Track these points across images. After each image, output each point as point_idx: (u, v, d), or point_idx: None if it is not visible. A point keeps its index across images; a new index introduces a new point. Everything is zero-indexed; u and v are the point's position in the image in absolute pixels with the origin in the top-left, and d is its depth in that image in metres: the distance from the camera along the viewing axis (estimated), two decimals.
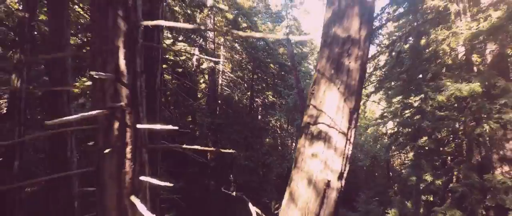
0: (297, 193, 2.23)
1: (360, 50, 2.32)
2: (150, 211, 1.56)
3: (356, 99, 2.29)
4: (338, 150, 2.19)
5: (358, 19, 2.34)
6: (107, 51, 1.66)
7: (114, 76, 1.63)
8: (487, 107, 5.93)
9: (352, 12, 2.37)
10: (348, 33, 2.33)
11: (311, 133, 2.28)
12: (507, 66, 7.45)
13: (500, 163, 6.82)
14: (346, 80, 2.25)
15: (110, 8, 1.67)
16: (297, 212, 2.18)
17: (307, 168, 2.21)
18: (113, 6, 1.68)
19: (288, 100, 12.45)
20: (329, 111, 2.23)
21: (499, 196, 5.73)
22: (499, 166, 6.80)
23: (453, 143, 7.82)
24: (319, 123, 2.24)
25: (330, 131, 2.20)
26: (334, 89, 2.24)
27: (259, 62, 13.04)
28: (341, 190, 2.25)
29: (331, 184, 2.17)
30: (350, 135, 2.27)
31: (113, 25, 1.68)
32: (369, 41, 2.49)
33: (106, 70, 1.63)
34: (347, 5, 2.40)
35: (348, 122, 2.23)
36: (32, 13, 5.51)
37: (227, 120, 12.26)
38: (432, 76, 7.28)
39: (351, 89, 2.25)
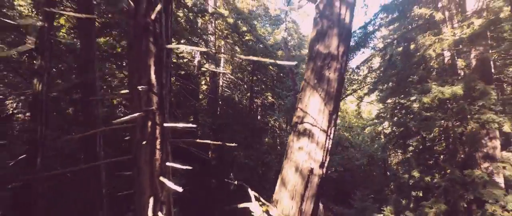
0: (287, 179, 2.81)
1: (338, 63, 2.90)
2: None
3: (334, 103, 2.86)
4: (319, 144, 2.77)
5: (337, 38, 2.92)
6: (141, 69, 2.24)
7: (147, 88, 2.21)
8: (467, 108, 6.50)
9: (332, 32, 2.95)
10: (328, 49, 2.91)
11: (298, 130, 2.86)
12: (490, 70, 8.04)
13: (483, 160, 7.41)
14: (326, 88, 2.83)
15: (144, 36, 2.25)
16: (287, 193, 2.76)
17: (295, 158, 2.79)
18: (146, 34, 2.26)
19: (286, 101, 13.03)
20: (313, 112, 2.80)
21: (478, 190, 6.30)
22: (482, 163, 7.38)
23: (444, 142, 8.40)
24: (305, 122, 2.82)
25: (313, 129, 2.77)
26: (317, 95, 2.82)
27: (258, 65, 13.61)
28: (322, 176, 2.83)
29: (314, 171, 2.75)
30: (330, 132, 2.85)
31: (146, 49, 2.26)
32: (347, 56, 3.07)
33: (141, 83, 2.21)
34: (328, 26, 2.98)
35: (328, 122, 2.81)
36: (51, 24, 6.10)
37: (228, 120, 12.81)
38: (419, 79, 7.86)
39: (330, 95, 2.83)
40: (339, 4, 2.98)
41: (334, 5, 2.99)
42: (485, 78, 7.67)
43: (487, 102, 6.32)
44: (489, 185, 6.25)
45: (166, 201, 2.24)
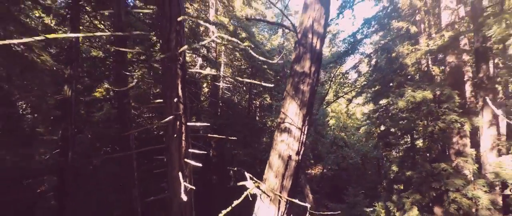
0: (272, 163, 3.95)
1: (310, 79, 4.04)
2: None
3: (307, 109, 4.00)
4: (296, 138, 3.92)
5: (309, 61, 4.07)
6: (172, 86, 3.39)
7: (177, 99, 3.36)
8: (435, 110, 7.66)
9: (306, 56, 4.10)
10: (303, 69, 4.06)
11: (281, 128, 4.00)
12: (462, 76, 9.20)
13: (455, 156, 8.57)
14: (301, 97, 3.98)
15: (174, 64, 3.40)
16: (272, 173, 3.91)
17: (278, 148, 3.94)
18: (175, 63, 3.40)
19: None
20: (291, 115, 3.95)
21: (443, 180, 7.47)
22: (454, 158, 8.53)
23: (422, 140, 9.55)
24: (285, 122, 3.96)
25: (291, 127, 3.92)
26: (294, 103, 3.97)
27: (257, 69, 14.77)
28: (298, 161, 3.97)
29: (292, 157, 3.89)
30: (303, 129, 3.99)
31: (175, 73, 3.40)
32: (318, 73, 4.21)
33: (172, 96, 3.35)
34: (303, 52, 4.13)
35: (302, 122, 3.96)
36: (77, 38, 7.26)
37: (228, 120, 13.96)
38: (397, 85, 9.01)
39: (304, 102, 3.98)
40: (311, 35, 4.13)
41: (308, 36, 4.14)
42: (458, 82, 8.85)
43: (451, 105, 7.47)
44: (452, 177, 7.41)
45: (188, 175, 3.39)
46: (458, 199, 7.22)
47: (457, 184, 7.20)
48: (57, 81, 6.77)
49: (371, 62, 10.67)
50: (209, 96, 14.79)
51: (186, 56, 3.55)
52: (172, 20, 3.37)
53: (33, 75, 4.73)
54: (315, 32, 4.14)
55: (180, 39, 3.47)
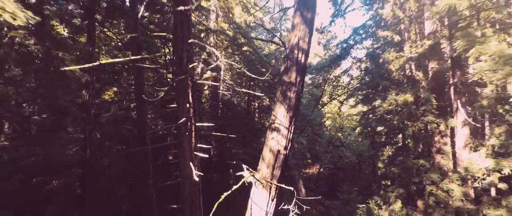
0: (265, 156, 4.90)
1: (295, 87, 4.99)
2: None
3: (293, 111, 4.95)
4: (284, 135, 4.86)
5: (295, 72, 5.02)
6: (184, 95, 4.33)
7: (188, 105, 4.30)
8: (414, 112, 8.61)
9: (293, 68, 5.05)
10: (290, 79, 5.01)
11: (272, 127, 4.95)
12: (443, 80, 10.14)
13: (436, 153, 9.51)
14: (288, 102, 4.92)
15: (186, 76, 4.34)
16: (265, 164, 4.86)
17: (270, 144, 4.88)
18: (187, 75, 4.35)
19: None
20: (280, 117, 4.89)
21: (421, 175, 8.41)
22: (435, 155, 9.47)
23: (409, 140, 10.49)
24: (275, 122, 4.91)
25: (280, 127, 4.86)
26: (282, 107, 4.92)
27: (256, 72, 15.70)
28: (286, 155, 4.91)
29: (280, 151, 4.84)
30: (290, 129, 4.93)
31: (186, 83, 4.35)
32: (302, 82, 5.15)
33: (184, 102, 4.30)
34: (291, 64, 5.08)
35: (289, 122, 4.90)
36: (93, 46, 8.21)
37: (228, 121, 14.89)
38: (382, 88, 9.96)
39: (291, 107, 4.92)
40: (297, 51, 5.08)
41: (294, 51, 5.09)
42: (439, 87, 9.79)
43: (429, 107, 8.42)
44: (429, 172, 8.35)
45: (197, 164, 4.34)
46: (434, 191, 8.16)
47: (434, 178, 8.15)
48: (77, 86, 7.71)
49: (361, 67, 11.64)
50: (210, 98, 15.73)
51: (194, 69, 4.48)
52: (184, 42, 4.32)
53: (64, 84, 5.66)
54: (300, 48, 5.10)
55: (190, 56, 4.42)
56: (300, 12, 5.19)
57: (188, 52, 4.34)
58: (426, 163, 8.45)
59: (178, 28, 4.29)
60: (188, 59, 4.34)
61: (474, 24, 8.29)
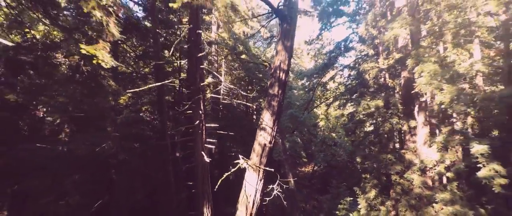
0: (255, 148, 6.92)
1: (278, 98, 7.00)
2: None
3: (276, 116, 6.95)
4: (269, 133, 6.87)
5: (278, 87, 7.03)
6: (197, 104, 6.35)
7: (200, 111, 6.32)
8: (383, 114, 10.60)
9: (276, 84, 7.06)
10: (274, 92, 7.02)
11: (261, 127, 6.97)
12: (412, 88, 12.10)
13: (405, 149, 11.49)
14: (272, 109, 6.93)
15: (198, 91, 6.36)
16: (255, 154, 6.88)
17: (259, 139, 6.90)
18: (198, 90, 6.37)
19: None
20: (266, 120, 6.90)
21: (388, 167, 10.41)
22: (404, 151, 11.44)
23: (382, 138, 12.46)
24: (263, 123, 6.92)
25: (266, 127, 6.87)
26: (268, 113, 6.93)
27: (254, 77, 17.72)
28: (270, 147, 6.92)
29: (266, 145, 6.85)
30: (274, 128, 6.94)
31: (199, 97, 6.37)
32: (283, 94, 7.15)
33: (198, 110, 6.31)
34: (274, 81, 7.09)
35: (272, 123, 6.91)
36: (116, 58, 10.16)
37: (228, 122, 16.88)
38: (359, 94, 11.94)
39: (274, 112, 6.93)
40: (279, 71, 7.08)
41: (277, 71, 7.09)
42: (409, 93, 11.77)
43: (394, 110, 10.41)
44: (394, 164, 10.34)
45: (206, 153, 6.35)
46: (398, 180, 10.15)
47: (398, 170, 10.14)
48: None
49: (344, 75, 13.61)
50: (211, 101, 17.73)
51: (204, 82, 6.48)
52: (197, 66, 6.35)
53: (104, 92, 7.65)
54: (281, 69, 7.11)
55: (201, 76, 6.44)
56: (282, 41, 7.20)
57: (200, 74, 6.36)
58: (392, 157, 10.44)
59: (193, 60, 6.32)
60: (200, 78, 6.36)
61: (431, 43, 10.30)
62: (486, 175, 7.73)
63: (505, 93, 7.00)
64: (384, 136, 11.32)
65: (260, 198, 6.95)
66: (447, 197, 8.83)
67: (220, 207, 13.24)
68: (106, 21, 4.26)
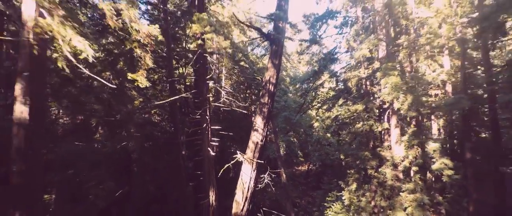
0: (249, 145, 8.99)
1: (267, 105, 9.06)
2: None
3: (266, 120, 9.02)
4: (260, 133, 8.94)
5: (267, 97, 9.10)
6: (204, 111, 8.42)
7: (207, 116, 8.39)
8: (363, 117, 12.63)
9: (266, 94, 9.13)
10: (264, 101, 9.09)
11: (254, 129, 9.04)
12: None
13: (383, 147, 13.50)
14: (263, 114, 9.00)
15: (205, 103, 8.43)
16: (249, 150, 8.96)
17: (252, 138, 8.97)
18: (205, 102, 8.44)
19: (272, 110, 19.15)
20: (258, 123, 8.97)
21: (365, 162, 12.45)
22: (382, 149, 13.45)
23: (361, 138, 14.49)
24: (256, 126, 8.99)
25: (258, 128, 8.94)
26: (260, 117, 9.00)
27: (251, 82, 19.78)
28: (262, 145, 8.99)
29: (258, 143, 8.92)
30: (265, 129, 9.01)
31: (206, 104, 8.44)
32: (272, 102, 9.20)
33: (205, 114, 8.38)
34: (265, 92, 9.16)
35: (263, 126, 8.98)
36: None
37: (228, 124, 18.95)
38: (344, 99, 13.97)
39: (264, 117, 9.00)
40: (269, 84, 9.13)
41: (267, 84, 9.15)
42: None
43: (371, 114, 12.44)
44: (370, 160, 12.38)
45: (211, 149, 8.41)
46: (374, 174, 12.19)
47: (373, 165, 12.18)
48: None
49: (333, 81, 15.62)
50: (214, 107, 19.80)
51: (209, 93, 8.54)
52: (204, 83, 8.41)
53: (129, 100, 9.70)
54: (270, 82, 9.18)
55: (207, 89, 8.50)
56: (271, 60, 9.27)
57: (206, 87, 8.43)
58: (369, 154, 12.47)
59: (200, 78, 8.37)
60: (206, 92, 8.42)
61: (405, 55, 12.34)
62: (438, 167, 9.78)
63: (449, 101, 9.02)
64: (364, 136, 13.35)
65: (254, 185, 9.03)
66: (411, 187, 10.88)
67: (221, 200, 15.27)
68: (144, 55, 6.33)
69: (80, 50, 4.01)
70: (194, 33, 6.54)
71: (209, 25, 6.57)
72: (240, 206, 8.87)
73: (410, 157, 10.69)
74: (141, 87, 6.78)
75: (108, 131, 9.45)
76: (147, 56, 6.29)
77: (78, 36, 3.92)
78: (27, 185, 4.99)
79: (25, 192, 4.97)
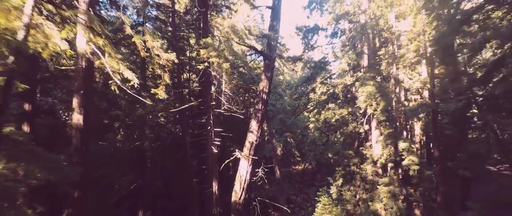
0: (246, 145, 11.03)
1: (261, 111, 11.08)
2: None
3: (260, 123, 11.03)
4: (255, 134, 10.96)
5: (261, 104, 11.12)
6: (208, 117, 10.43)
7: (211, 120, 10.40)
8: (347, 120, 14.63)
9: (260, 102, 11.15)
10: (258, 107, 11.10)
11: (250, 131, 11.06)
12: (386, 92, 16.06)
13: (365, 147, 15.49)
14: (257, 119, 11.02)
15: (210, 111, 10.45)
16: (246, 148, 10.98)
17: (248, 138, 11.00)
18: (210, 110, 10.45)
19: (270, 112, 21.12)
20: (253, 126, 10.99)
21: (349, 160, 14.45)
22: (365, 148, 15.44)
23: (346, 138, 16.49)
24: (251, 129, 11.01)
25: (253, 130, 10.96)
26: (254, 121, 11.02)
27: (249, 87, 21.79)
28: (256, 143, 11.01)
29: (253, 142, 10.94)
30: (258, 131, 11.03)
31: (210, 111, 10.45)
32: (265, 108, 11.21)
33: (209, 119, 10.39)
34: (259, 100, 11.17)
35: (257, 128, 11.00)
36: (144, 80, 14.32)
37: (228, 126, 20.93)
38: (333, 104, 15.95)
39: (258, 120, 11.01)
40: (262, 93, 11.14)
41: (261, 93, 11.15)
42: None
43: (354, 117, 14.43)
44: (353, 158, 14.38)
45: (214, 148, 10.42)
46: (357, 170, 14.19)
47: (356, 162, 14.18)
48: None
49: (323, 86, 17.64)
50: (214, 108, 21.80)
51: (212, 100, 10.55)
52: (209, 93, 10.42)
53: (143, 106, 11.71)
54: (264, 92, 11.20)
55: (211, 98, 10.51)
56: (264, 73, 11.28)
57: (210, 96, 10.43)
58: (352, 153, 14.47)
59: (206, 88, 10.38)
60: (210, 99, 10.42)
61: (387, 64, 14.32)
62: (406, 163, 11.78)
63: (412, 108, 11.02)
64: (348, 136, 15.35)
65: (249, 178, 11.03)
66: (386, 181, 12.87)
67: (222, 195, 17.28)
68: (163, 74, 8.35)
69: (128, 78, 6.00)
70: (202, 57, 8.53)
71: (214, 51, 8.56)
72: (238, 195, 10.87)
73: (385, 155, 12.68)
74: (153, 95, 8.78)
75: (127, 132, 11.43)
76: (166, 75, 8.31)
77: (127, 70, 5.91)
78: (82, 173, 7.00)
79: (81, 177, 6.98)
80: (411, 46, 12.38)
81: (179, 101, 11.73)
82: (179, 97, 11.86)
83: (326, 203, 15.76)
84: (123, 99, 11.68)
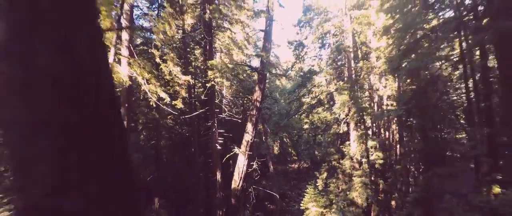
0: (243, 143, 14.34)
1: (255, 116, 14.38)
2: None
3: (255, 125, 14.33)
4: (250, 135, 14.27)
5: (255, 110, 14.41)
6: (213, 119, 13.74)
7: (215, 123, 13.71)
8: (330, 122, 17.90)
9: (254, 109, 14.45)
10: (253, 113, 14.40)
11: (246, 132, 14.37)
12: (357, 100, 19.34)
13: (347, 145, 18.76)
14: (252, 122, 14.31)
15: (214, 115, 13.75)
16: (243, 146, 14.30)
17: (245, 138, 14.32)
18: (213, 114, 13.76)
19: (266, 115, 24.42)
20: (249, 128, 14.30)
21: (331, 156, 17.76)
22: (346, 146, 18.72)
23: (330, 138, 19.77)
24: (247, 130, 14.32)
25: (249, 131, 14.26)
26: (250, 124, 14.32)
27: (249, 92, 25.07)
28: (252, 142, 14.32)
29: (249, 141, 14.26)
30: (253, 132, 14.32)
31: (214, 116, 13.75)
32: (259, 114, 14.49)
33: (213, 122, 13.69)
34: (253, 107, 14.47)
35: (253, 129, 14.29)
36: None
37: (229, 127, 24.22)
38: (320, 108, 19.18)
39: (253, 124, 14.31)
40: (256, 101, 14.43)
41: (255, 102, 14.44)
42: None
43: (335, 120, 17.69)
44: (333, 154, 17.66)
45: (218, 145, 13.72)
46: (336, 165, 17.47)
47: (336, 158, 17.46)
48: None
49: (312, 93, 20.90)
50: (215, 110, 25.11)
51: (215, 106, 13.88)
52: (213, 102, 13.72)
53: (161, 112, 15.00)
54: (257, 100, 14.53)
55: (215, 106, 13.80)
56: (258, 85, 14.58)
57: (214, 104, 13.74)
58: (334, 150, 17.72)
59: (210, 99, 13.69)
60: (214, 107, 13.73)
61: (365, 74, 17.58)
62: (373, 158, 15.02)
63: (377, 114, 14.25)
64: (331, 136, 18.61)
65: (246, 169, 14.33)
66: (359, 173, 16.13)
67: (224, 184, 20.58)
68: (180, 89, 11.68)
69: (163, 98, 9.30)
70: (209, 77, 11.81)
71: (218, 72, 11.84)
72: (236, 183, 14.17)
73: (358, 152, 15.94)
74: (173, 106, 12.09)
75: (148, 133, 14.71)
76: (182, 91, 11.63)
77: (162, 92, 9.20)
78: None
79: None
80: (379, 62, 15.61)
81: (189, 108, 15.05)
82: (189, 105, 15.16)
83: (312, 193, 19.03)
84: (144, 107, 15.03)
